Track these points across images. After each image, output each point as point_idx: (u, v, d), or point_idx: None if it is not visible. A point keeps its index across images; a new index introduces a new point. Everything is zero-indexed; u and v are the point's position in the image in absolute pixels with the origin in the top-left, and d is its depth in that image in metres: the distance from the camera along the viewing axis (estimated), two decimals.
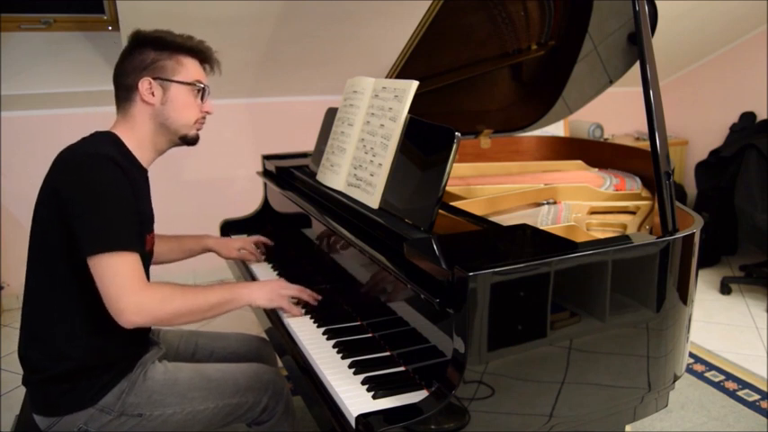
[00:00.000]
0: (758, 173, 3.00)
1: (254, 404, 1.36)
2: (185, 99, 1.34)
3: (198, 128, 1.40)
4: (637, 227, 1.49)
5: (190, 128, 1.37)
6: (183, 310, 1.23)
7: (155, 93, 1.31)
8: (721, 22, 3.76)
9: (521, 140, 2.42)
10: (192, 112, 1.36)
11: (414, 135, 1.36)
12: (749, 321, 2.83)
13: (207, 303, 1.28)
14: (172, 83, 1.32)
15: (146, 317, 1.17)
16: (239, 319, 2.88)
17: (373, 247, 1.25)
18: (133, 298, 1.16)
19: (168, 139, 1.37)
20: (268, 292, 1.39)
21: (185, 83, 1.34)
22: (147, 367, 1.32)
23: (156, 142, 1.36)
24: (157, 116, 1.33)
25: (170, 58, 1.32)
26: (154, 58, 1.31)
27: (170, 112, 1.33)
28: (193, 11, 2.55)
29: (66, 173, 1.20)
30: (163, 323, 1.22)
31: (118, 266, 1.15)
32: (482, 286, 0.96)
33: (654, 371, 1.21)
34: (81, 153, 1.22)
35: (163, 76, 1.31)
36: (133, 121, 1.33)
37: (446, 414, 0.96)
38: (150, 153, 1.37)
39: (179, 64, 1.33)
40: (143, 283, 1.19)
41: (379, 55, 3.10)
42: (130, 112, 1.33)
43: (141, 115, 1.32)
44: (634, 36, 1.28)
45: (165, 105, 1.32)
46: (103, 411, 1.24)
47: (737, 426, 2.02)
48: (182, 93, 1.33)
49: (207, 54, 1.39)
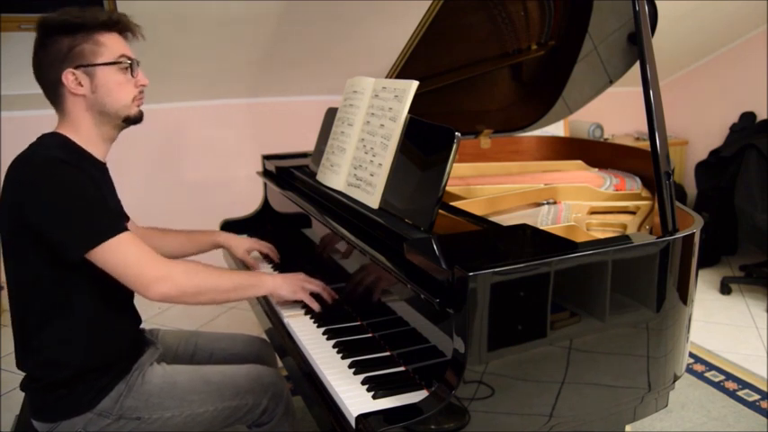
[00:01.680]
0: (758, 173, 3.00)
1: (254, 406, 1.35)
2: (116, 79, 1.24)
3: (138, 104, 1.30)
4: (637, 227, 1.49)
5: (129, 108, 1.28)
6: (207, 285, 1.22)
7: (82, 83, 1.22)
8: (721, 22, 3.76)
9: (521, 140, 2.42)
10: (126, 90, 1.26)
11: (414, 135, 1.36)
12: (749, 321, 2.83)
13: (231, 283, 1.28)
14: (96, 67, 1.22)
15: (172, 286, 1.16)
16: (239, 320, 2.88)
17: (373, 247, 1.25)
18: (156, 269, 1.15)
19: (113, 125, 1.28)
20: (291, 284, 1.39)
21: (110, 63, 1.23)
22: (144, 370, 1.31)
23: (102, 132, 1.28)
24: (93, 106, 1.24)
25: (86, 40, 1.21)
26: (69, 44, 1.20)
27: (104, 97, 1.24)
28: (193, 11, 2.55)
29: (24, 185, 1.16)
30: (189, 296, 1.20)
31: (123, 248, 1.14)
32: (482, 286, 0.96)
33: (654, 371, 1.21)
34: (32, 162, 1.18)
35: (84, 62, 1.21)
36: (71, 117, 1.25)
37: (446, 414, 0.96)
38: (101, 144, 1.29)
39: (98, 44, 1.22)
40: (160, 257, 1.18)
41: (379, 55, 3.09)
42: (65, 108, 1.25)
43: (76, 109, 1.24)
44: (634, 36, 1.28)
45: (96, 93, 1.23)
46: (101, 415, 1.23)
47: (737, 426, 2.02)
48: (110, 74, 1.23)
49: (123, 23, 1.28)
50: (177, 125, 3.28)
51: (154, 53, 2.44)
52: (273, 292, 1.38)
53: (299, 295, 1.41)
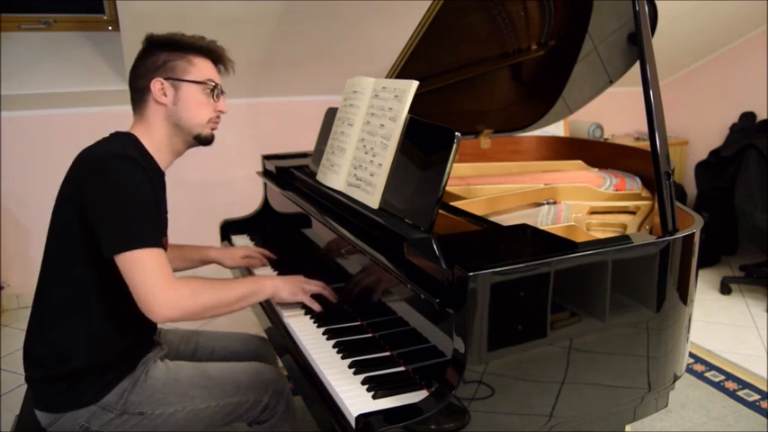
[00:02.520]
0: (758, 173, 3.00)
1: (255, 403, 1.36)
2: (197, 98, 1.34)
3: (212, 127, 1.40)
4: (637, 227, 1.49)
5: (203, 127, 1.37)
6: (212, 303, 1.24)
7: (167, 93, 1.31)
8: (721, 22, 3.76)
9: (521, 140, 2.42)
10: (204, 110, 1.36)
11: (414, 135, 1.36)
12: (749, 321, 2.83)
13: (234, 295, 1.29)
14: (183, 82, 1.32)
15: (178, 311, 1.18)
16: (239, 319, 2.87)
17: (373, 247, 1.25)
18: (165, 294, 1.16)
19: (183, 139, 1.37)
20: (291, 286, 1.41)
21: (197, 81, 1.34)
22: (148, 366, 1.32)
23: (172, 143, 1.36)
24: (171, 116, 1.33)
25: (181, 58, 1.33)
26: (165, 58, 1.32)
27: (183, 111, 1.33)
28: (193, 11, 2.55)
29: (89, 174, 1.20)
30: (194, 316, 1.22)
31: (147, 262, 1.16)
32: (482, 286, 0.96)
33: (654, 371, 1.21)
34: (104, 154, 1.21)
35: (174, 75, 1.32)
36: (148, 122, 1.33)
37: (446, 414, 0.96)
38: (167, 155, 1.37)
39: (190, 64, 1.34)
40: (172, 279, 1.19)
41: (379, 55, 3.10)
42: (145, 113, 1.33)
43: (155, 116, 1.33)
44: (634, 36, 1.28)
45: (177, 105, 1.33)
46: (105, 409, 1.25)
47: (737, 426, 2.02)
48: (193, 92, 1.34)
49: (219, 53, 1.40)
50: None
51: None
52: (274, 295, 1.40)
53: (299, 297, 1.42)
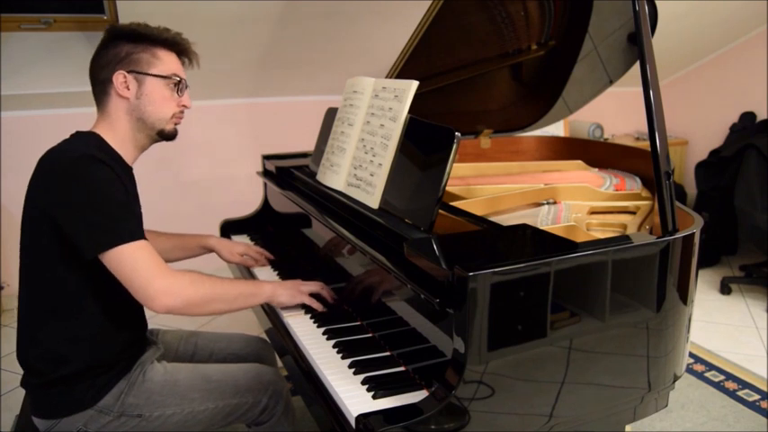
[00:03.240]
0: (758, 173, 3.00)
1: (254, 404, 1.36)
2: (161, 92, 1.31)
3: (176, 122, 1.36)
4: (637, 227, 1.49)
5: (167, 122, 1.33)
6: (212, 295, 1.23)
7: (129, 86, 1.27)
8: (721, 22, 3.76)
9: (521, 140, 2.42)
10: (168, 105, 1.32)
11: (414, 135, 1.36)
12: (749, 321, 2.83)
13: (234, 292, 1.29)
14: (147, 76, 1.28)
15: (177, 299, 1.17)
16: (239, 320, 2.88)
17: (373, 247, 1.25)
18: (162, 281, 1.15)
19: (147, 134, 1.33)
20: (289, 289, 1.41)
21: (161, 76, 1.30)
22: (145, 368, 1.32)
23: (136, 139, 1.32)
24: (134, 111, 1.29)
25: (145, 50, 1.29)
26: (128, 50, 1.27)
27: (146, 106, 1.29)
28: (193, 11, 2.55)
29: (55, 178, 1.17)
30: (194, 307, 1.21)
31: (137, 255, 1.15)
32: (482, 286, 0.96)
33: (654, 371, 1.21)
34: (68, 155, 1.19)
35: (138, 69, 1.28)
36: (110, 117, 1.30)
37: (446, 414, 0.96)
38: (132, 150, 1.33)
39: (155, 57, 1.30)
40: (167, 268, 1.18)
41: (379, 55, 3.10)
42: (107, 108, 1.30)
43: (117, 111, 1.29)
44: (634, 36, 1.28)
45: (140, 99, 1.29)
46: (102, 412, 1.24)
47: (737, 426, 2.02)
48: (157, 86, 1.30)
49: (184, 46, 1.36)
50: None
51: None
52: (272, 299, 1.40)
53: (298, 299, 1.42)
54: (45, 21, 2.86)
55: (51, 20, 2.87)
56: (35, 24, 2.85)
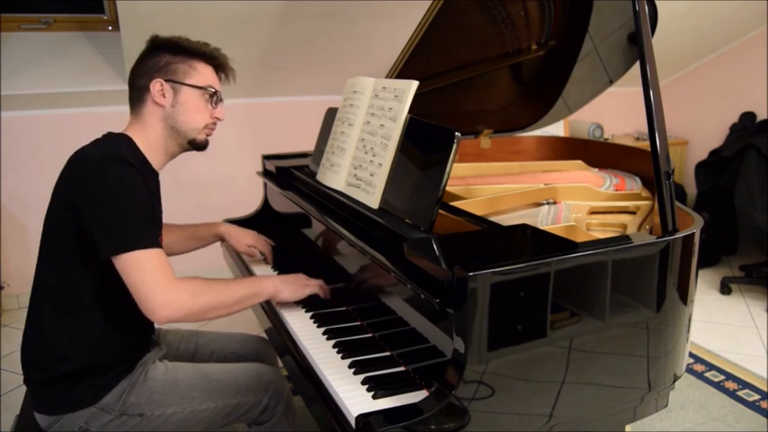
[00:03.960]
0: (758, 173, 3.00)
1: (255, 404, 1.36)
2: (196, 103, 1.35)
3: (207, 133, 1.40)
4: (637, 227, 1.49)
5: (199, 132, 1.38)
6: (213, 303, 1.24)
7: (165, 94, 1.32)
8: (721, 22, 3.76)
9: (521, 140, 2.42)
10: (201, 116, 1.36)
11: (414, 135, 1.36)
12: (749, 321, 2.83)
13: (235, 296, 1.29)
14: (183, 86, 1.33)
15: (178, 311, 1.18)
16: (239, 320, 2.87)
17: (373, 247, 1.25)
18: (166, 294, 1.16)
19: (178, 143, 1.37)
20: (291, 285, 1.42)
21: (197, 86, 1.34)
22: (147, 367, 1.32)
23: (167, 146, 1.36)
24: (167, 119, 1.33)
25: (183, 61, 1.33)
26: (167, 60, 1.32)
27: (180, 115, 1.33)
28: (193, 11, 2.55)
29: (83, 175, 1.19)
30: (195, 317, 1.22)
31: (146, 263, 1.16)
32: (482, 286, 0.96)
33: (654, 371, 1.21)
34: (97, 155, 1.21)
35: (175, 78, 1.32)
36: (144, 123, 1.33)
37: (446, 414, 0.96)
38: (161, 156, 1.37)
39: (192, 68, 1.34)
40: (173, 279, 1.19)
41: (379, 55, 3.10)
42: (142, 113, 1.34)
43: (152, 117, 1.33)
44: (634, 36, 1.28)
45: (175, 108, 1.33)
46: (104, 411, 1.24)
47: (737, 426, 2.02)
48: (192, 96, 1.34)
49: (221, 61, 1.41)
50: None
51: None
52: (275, 296, 1.40)
53: (300, 294, 1.43)
54: (45, 21, 2.86)
55: (51, 20, 2.87)
56: (35, 24, 2.86)
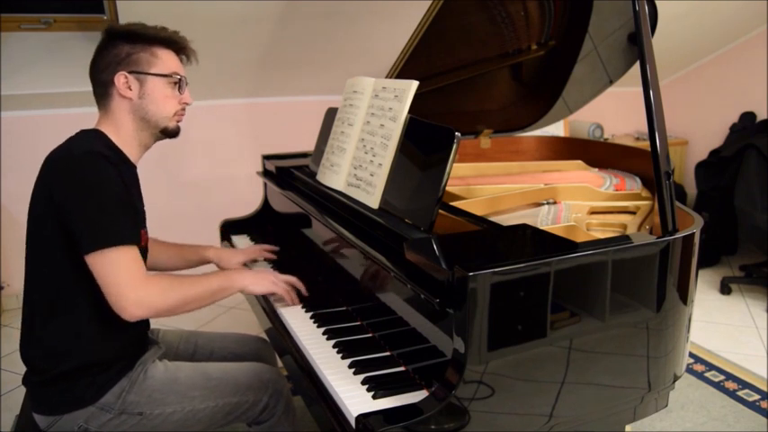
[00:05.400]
0: (758, 173, 3.00)
1: (255, 403, 1.36)
2: (163, 91, 1.33)
3: (178, 119, 1.38)
4: (637, 227, 1.49)
5: (169, 120, 1.36)
6: (183, 300, 1.25)
7: (131, 87, 1.30)
8: (721, 22, 3.76)
9: (521, 140, 2.42)
10: (170, 103, 1.35)
11: (414, 135, 1.36)
12: (749, 321, 2.83)
13: (205, 291, 1.30)
14: (148, 76, 1.31)
15: (147, 310, 1.19)
16: (239, 320, 2.88)
17: (373, 247, 1.25)
18: (134, 293, 1.17)
19: (150, 133, 1.35)
20: (262, 279, 1.43)
21: (162, 75, 1.32)
22: (147, 366, 1.32)
23: (139, 137, 1.35)
24: (136, 110, 1.32)
25: (144, 50, 1.31)
26: (128, 51, 1.30)
27: (148, 105, 1.32)
28: (193, 11, 2.55)
29: (59, 173, 1.20)
30: (165, 314, 1.22)
31: (117, 262, 1.16)
32: (482, 286, 0.96)
33: (654, 371, 1.21)
34: (72, 152, 1.21)
35: (138, 69, 1.30)
36: (114, 117, 1.32)
37: (446, 414, 0.96)
38: (136, 148, 1.36)
39: (154, 56, 1.32)
40: (143, 277, 1.19)
41: (379, 55, 3.10)
42: (110, 108, 1.32)
43: (121, 111, 1.31)
44: (634, 36, 1.28)
45: (143, 99, 1.31)
46: (104, 410, 1.24)
47: (737, 426, 2.02)
48: (159, 85, 1.32)
49: (182, 44, 1.38)
50: None
51: None
52: (244, 288, 1.41)
53: (272, 289, 1.44)
54: (45, 21, 2.86)
55: (51, 20, 2.87)
56: (35, 24, 2.85)
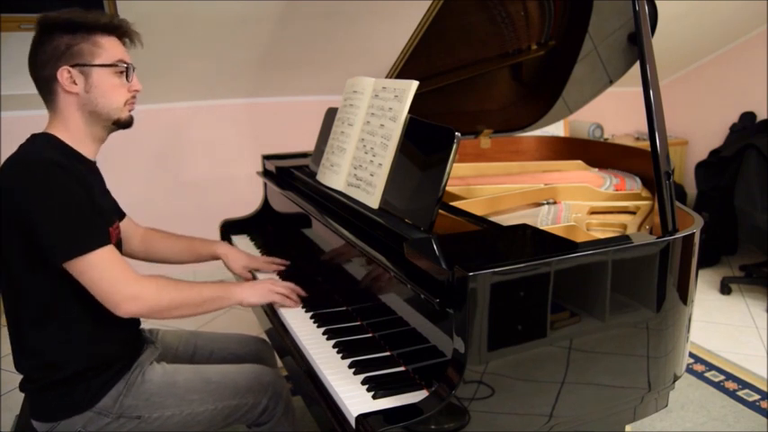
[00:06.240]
0: (758, 173, 3.00)
1: (254, 405, 1.35)
2: (110, 82, 1.25)
3: (129, 108, 1.31)
4: (637, 227, 1.49)
5: (121, 111, 1.28)
6: (177, 301, 1.24)
7: (76, 81, 1.22)
8: (721, 22, 3.76)
9: (521, 140, 2.42)
10: (119, 93, 1.27)
11: (414, 135, 1.36)
12: (749, 321, 2.83)
13: (200, 297, 1.29)
14: (92, 67, 1.23)
15: (142, 305, 1.17)
16: (239, 320, 2.88)
17: (373, 247, 1.25)
18: (128, 288, 1.16)
19: (102, 126, 1.28)
20: (259, 290, 1.42)
21: (107, 65, 1.24)
22: (144, 369, 1.32)
23: (92, 133, 1.28)
24: (85, 105, 1.24)
25: (85, 40, 1.22)
26: (68, 43, 1.21)
27: (97, 98, 1.24)
28: (193, 11, 2.55)
29: (17, 186, 1.14)
30: (159, 313, 1.21)
31: (101, 263, 1.15)
32: (482, 286, 0.96)
33: (654, 371, 1.21)
34: (25, 163, 1.17)
35: (81, 61, 1.22)
36: (62, 116, 1.25)
37: (446, 414, 0.96)
38: (91, 144, 1.30)
39: (96, 46, 1.23)
40: (133, 273, 1.18)
41: (379, 55, 3.09)
42: (57, 106, 1.25)
43: (68, 107, 1.24)
44: (634, 36, 1.28)
45: (90, 93, 1.23)
46: (101, 414, 1.23)
47: (737, 426, 2.02)
48: (105, 76, 1.24)
49: (124, 28, 1.29)
50: (177, 125, 3.28)
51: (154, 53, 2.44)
52: (242, 302, 1.40)
53: (269, 298, 1.44)
54: None
55: None
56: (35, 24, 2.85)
